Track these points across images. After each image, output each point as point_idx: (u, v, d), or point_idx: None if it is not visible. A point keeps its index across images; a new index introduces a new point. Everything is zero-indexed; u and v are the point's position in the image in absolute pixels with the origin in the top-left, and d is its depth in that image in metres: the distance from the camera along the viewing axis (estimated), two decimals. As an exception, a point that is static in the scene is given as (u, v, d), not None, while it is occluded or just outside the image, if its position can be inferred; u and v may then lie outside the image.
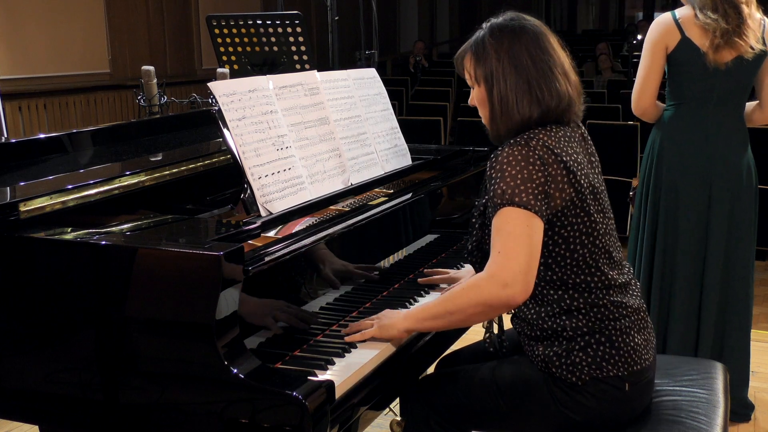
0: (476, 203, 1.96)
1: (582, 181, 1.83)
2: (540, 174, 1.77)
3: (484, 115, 1.95)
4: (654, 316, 3.08)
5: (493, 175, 1.80)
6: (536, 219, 1.76)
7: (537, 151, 1.79)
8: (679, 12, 2.98)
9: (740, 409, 3.15)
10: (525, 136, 1.82)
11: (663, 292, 3.08)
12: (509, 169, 1.78)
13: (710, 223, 2.99)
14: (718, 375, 2.11)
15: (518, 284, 1.72)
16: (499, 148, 1.84)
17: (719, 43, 2.86)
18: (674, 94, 3.03)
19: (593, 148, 1.98)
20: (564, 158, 1.81)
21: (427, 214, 2.48)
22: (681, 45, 2.93)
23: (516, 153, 1.79)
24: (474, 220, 1.94)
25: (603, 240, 1.87)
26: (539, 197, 1.76)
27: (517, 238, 1.74)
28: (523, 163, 1.77)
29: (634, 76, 3.24)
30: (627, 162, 5.92)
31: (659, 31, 2.98)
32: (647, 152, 3.13)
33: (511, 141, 1.82)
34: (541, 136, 1.82)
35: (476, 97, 1.94)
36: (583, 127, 1.98)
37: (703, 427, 1.88)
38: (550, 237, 1.82)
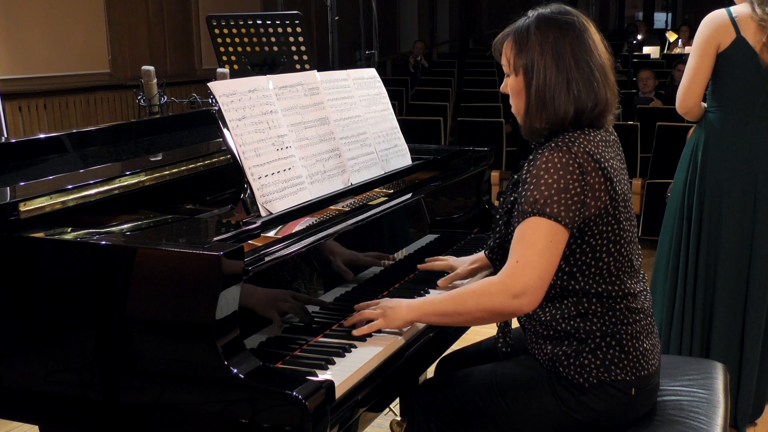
0: (502, 199, 1.94)
1: (617, 189, 1.80)
2: (577, 183, 1.74)
3: (517, 105, 1.90)
4: (698, 320, 3.04)
5: (528, 180, 1.78)
6: (563, 231, 1.74)
7: (578, 159, 1.75)
8: (735, 9, 2.86)
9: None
10: (567, 140, 1.78)
11: (707, 295, 3.04)
12: (545, 176, 1.75)
13: (756, 223, 2.95)
14: (718, 375, 2.11)
15: (527, 297, 1.73)
16: (539, 151, 1.80)
17: None
18: (717, 96, 2.95)
19: (623, 153, 1.94)
20: (603, 164, 1.78)
21: (427, 214, 2.48)
22: (735, 45, 2.83)
23: (555, 159, 1.76)
24: (498, 217, 1.92)
25: (627, 248, 1.85)
26: (572, 208, 1.74)
27: (537, 251, 1.73)
28: (561, 172, 1.74)
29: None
30: (627, 162, 5.92)
31: (713, 28, 2.86)
32: (689, 153, 3.05)
33: (552, 145, 1.79)
34: (581, 140, 1.78)
35: (512, 86, 1.89)
36: (615, 133, 1.94)
37: (703, 427, 1.88)
38: (579, 246, 1.80)
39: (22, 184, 1.87)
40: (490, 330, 2.15)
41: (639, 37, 11.34)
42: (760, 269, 2.97)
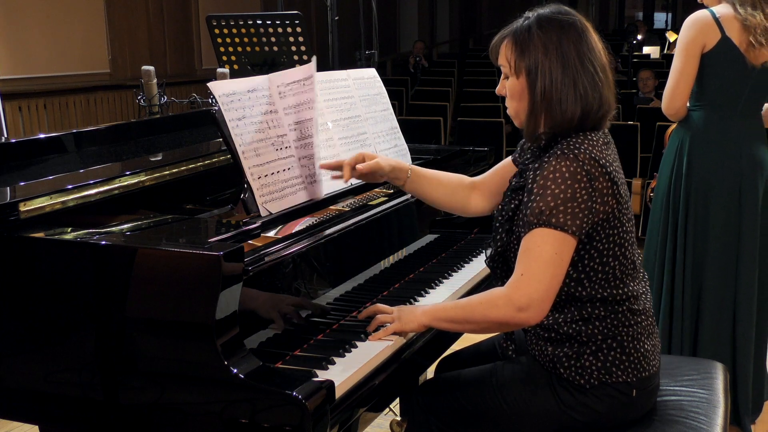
0: (499, 206, 1.93)
1: (622, 191, 1.79)
2: (584, 191, 1.72)
3: (517, 108, 1.87)
4: (686, 320, 3.04)
5: (534, 189, 1.75)
6: (570, 240, 1.72)
7: (585, 166, 1.73)
8: (718, 10, 2.86)
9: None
10: (572, 147, 1.76)
11: (693, 293, 3.03)
12: (553, 186, 1.72)
13: (742, 220, 2.95)
14: (718, 375, 2.11)
15: (533, 310, 1.73)
16: (545, 159, 1.77)
17: (761, 41, 2.77)
18: (700, 95, 2.95)
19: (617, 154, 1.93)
20: (608, 168, 1.76)
21: (427, 214, 2.48)
22: (720, 45, 2.83)
23: (564, 169, 1.73)
24: (498, 225, 1.90)
25: (630, 250, 1.85)
26: (579, 215, 1.72)
27: (542, 263, 1.72)
28: (569, 181, 1.72)
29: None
30: (627, 162, 5.93)
31: (697, 29, 2.86)
32: (674, 152, 3.04)
33: (558, 153, 1.76)
34: (586, 145, 1.76)
35: (512, 88, 1.86)
36: (609, 134, 1.92)
37: (702, 427, 1.88)
38: (587, 251, 1.79)
39: (22, 184, 1.87)
40: (490, 330, 2.14)
41: (639, 37, 11.33)
42: (747, 266, 2.98)
